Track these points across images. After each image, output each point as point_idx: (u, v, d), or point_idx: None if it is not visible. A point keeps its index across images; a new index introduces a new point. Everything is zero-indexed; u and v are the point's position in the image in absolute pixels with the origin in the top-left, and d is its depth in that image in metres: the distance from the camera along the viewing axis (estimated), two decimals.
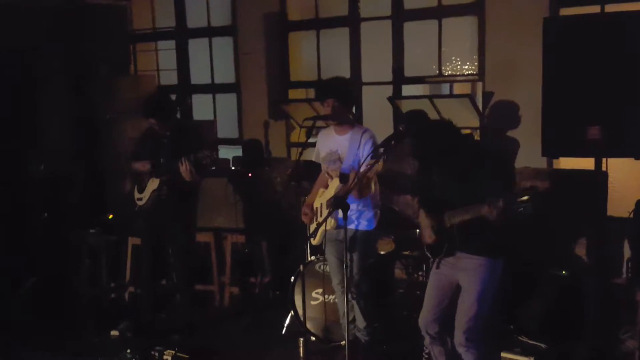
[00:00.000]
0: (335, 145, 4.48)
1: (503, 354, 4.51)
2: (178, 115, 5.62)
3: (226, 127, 7.68)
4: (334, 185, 4.41)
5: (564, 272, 4.94)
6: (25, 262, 6.25)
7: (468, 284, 3.63)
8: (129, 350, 4.76)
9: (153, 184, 5.08)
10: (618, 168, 4.41)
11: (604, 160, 4.20)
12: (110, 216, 5.59)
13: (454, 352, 3.81)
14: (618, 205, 4.67)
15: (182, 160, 4.81)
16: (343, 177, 4.31)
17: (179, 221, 5.15)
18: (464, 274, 3.66)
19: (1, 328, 5.46)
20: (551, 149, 4.36)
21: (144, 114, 5.09)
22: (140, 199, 5.19)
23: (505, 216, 3.32)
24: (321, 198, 4.57)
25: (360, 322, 4.54)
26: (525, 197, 3.19)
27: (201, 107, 8.00)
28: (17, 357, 4.96)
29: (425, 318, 3.86)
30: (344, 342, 4.42)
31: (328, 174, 4.56)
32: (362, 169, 4.04)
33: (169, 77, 8.15)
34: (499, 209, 3.26)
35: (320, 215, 4.51)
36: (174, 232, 5.17)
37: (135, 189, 5.26)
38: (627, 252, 4.81)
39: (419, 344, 4.05)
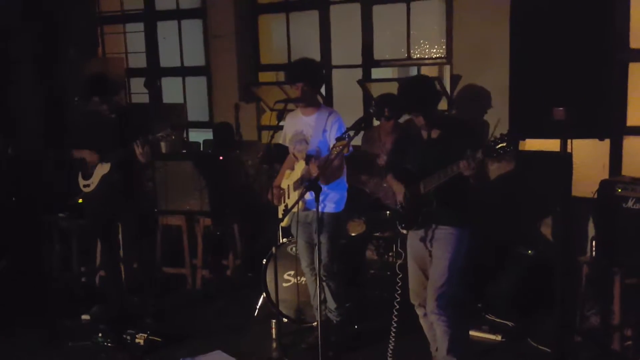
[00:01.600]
0: (300, 126, 4.50)
1: (471, 332, 4.61)
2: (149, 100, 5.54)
3: (196, 110, 7.63)
4: (300, 166, 4.43)
5: (529, 251, 5.06)
6: None
7: (440, 252, 3.77)
8: (100, 335, 4.76)
9: (102, 169, 4.96)
10: (582, 149, 4.50)
11: (568, 141, 4.28)
12: (80, 200, 5.53)
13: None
14: (582, 185, 4.77)
15: (137, 142, 4.75)
16: (309, 159, 4.33)
17: (133, 204, 5.11)
18: (435, 244, 3.80)
19: None
20: (518, 131, 4.42)
21: (86, 92, 5.01)
22: (87, 185, 5.05)
23: (482, 171, 3.50)
24: (288, 180, 4.59)
25: (331, 304, 4.59)
26: (503, 144, 3.31)
27: (171, 90, 7.93)
28: None
29: (415, 291, 3.97)
30: (315, 322, 4.47)
31: (294, 155, 4.57)
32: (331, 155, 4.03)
33: (138, 60, 8.06)
34: (478, 160, 3.39)
35: (288, 197, 4.53)
36: (129, 215, 5.11)
37: (80, 175, 5.12)
38: (591, 231, 4.94)
39: (390, 324, 4.12)
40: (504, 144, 3.32)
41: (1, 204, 6.45)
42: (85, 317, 5.23)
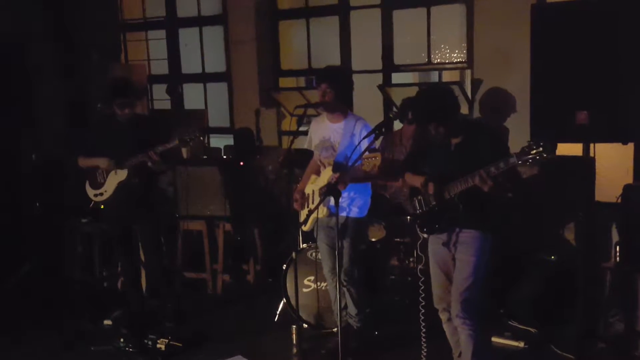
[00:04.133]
0: (328, 133, 4.49)
1: (494, 339, 4.56)
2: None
3: (217, 116, 7.68)
4: (327, 173, 4.42)
5: (552, 257, 5.00)
6: (20, 250, 6.25)
7: (464, 256, 3.74)
8: (122, 340, 4.79)
9: (118, 176, 4.96)
10: (605, 153, 4.45)
11: (591, 145, 4.23)
12: (102, 206, 5.58)
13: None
14: (606, 190, 4.71)
15: (149, 152, 4.76)
16: (337, 166, 4.32)
17: (151, 209, 5.12)
18: (460, 247, 3.76)
19: None
20: (540, 135, 4.37)
21: (107, 97, 4.98)
22: (99, 194, 5.05)
23: (504, 184, 3.44)
24: (313, 185, 4.58)
25: (352, 309, 4.57)
26: (540, 149, 3.20)
27: (192, 97, 7.99)
28: (10, 344, 4.97)
29: (439, 295, 3.94)
30: (335, 328, 4.46)
31: (320, 161, 4.56)
32: (357, 161, 4.01)
33: (160, 67, 8.14)
34: (510, 165, 3.33)
35: (312, 202, 4.53)
36: (147, 220, 5.12)
37: (87, 185, 5.10)
38: (615, 237, 4.86)
39: (411, 329, 4.10)
40: (540, 149, 3.20)
41: (26, 209, 6.52)
42: (107, 322, 5.26)
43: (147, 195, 5.09)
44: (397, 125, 5.67)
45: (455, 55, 6.24)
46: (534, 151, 3.22)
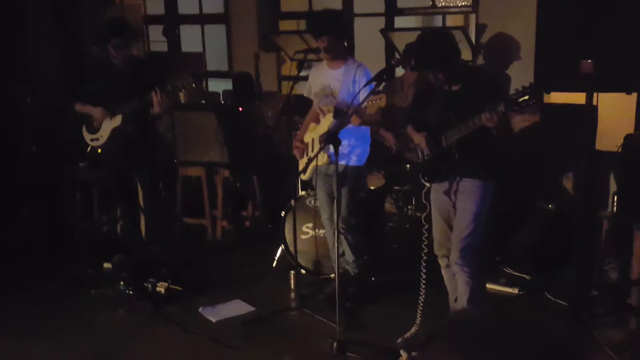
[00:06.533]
0: (328, 80, 4.43)
1: (488, 285, 4.63)
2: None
3: (215, 60, 7.56)
4: (327, 120, 4.38)
5: (550, 206, 5.02)
6: (18, 196, 6.24)
7: (464, 204, 3.78)
8: (122, 282, 4.83)
9: (112, 122, 4.89)
10: (608, 102, 4.40)
11: (595, 94, 4.19)
12: (100, 150, 5.55)
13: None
14: (607, 139, 4.68)
15: (156, 91, 4.65)
16: (337, 113, 4.28)
17: (148, 155, 5.07)
18: (460, 196, 3.80)
19: None
20: (544, 84, 4.33)
21: (102, 38, 4.81)
22: (95, 139, 5.00)
23: (505, 124, 3.46)
24: (313, 133, 4.55)
25: (349, 256, 4.61)
26: (526, 97, 3.25)
27: (189, 39, 7.84)
28: (11, 288, 5.01)
29: (439, 242, 4.00)
30: (333, 274, 4.51)
31: (320, 109, 4.52)
32: (362, 104, 3.95)
33: (156, 6, 7.95)
34: (499, 113, 3.35)
35: (312, 150, 4.50)
36: (145, 166, 5.08)
37: (84, 129, 5.04)
38: (613, 186, 4.87)
39: (407, 276, 4.14)
40: (527, 97, 3.25)
41: (22, 155, 6.48)
42: (107, 265, 5.29)
43: (144, 141, 5.04)
44: (399, 72, 5.57)
45: None
46: (521, 99, 3.26)
